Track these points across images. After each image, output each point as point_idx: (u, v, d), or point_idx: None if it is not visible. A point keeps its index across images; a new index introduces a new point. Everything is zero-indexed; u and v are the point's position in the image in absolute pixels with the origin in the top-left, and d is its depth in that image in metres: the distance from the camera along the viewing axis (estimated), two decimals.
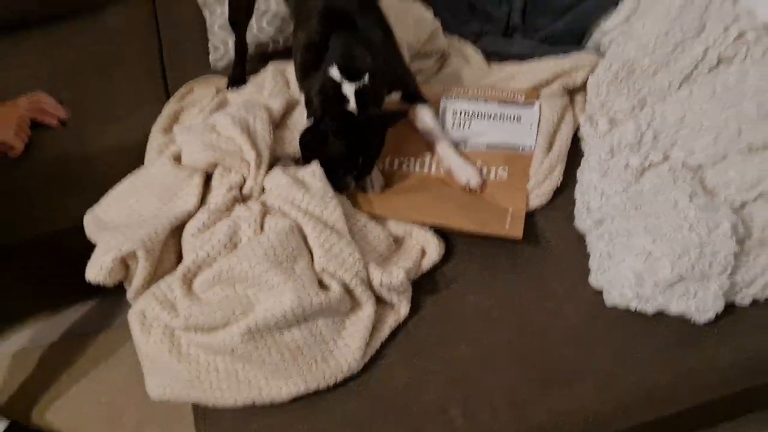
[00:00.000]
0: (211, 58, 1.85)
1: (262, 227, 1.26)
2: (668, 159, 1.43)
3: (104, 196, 1.41)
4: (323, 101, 1.35)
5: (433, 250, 1.33)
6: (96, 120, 1.71)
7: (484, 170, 1.48)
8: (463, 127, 1.56)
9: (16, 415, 1.72)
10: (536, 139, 1.52)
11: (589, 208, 1.40)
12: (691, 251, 1.24)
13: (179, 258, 1.30)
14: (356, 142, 1.33)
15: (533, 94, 1.61)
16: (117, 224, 1.34)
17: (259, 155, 1.37)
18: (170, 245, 1.30)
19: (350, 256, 1.22)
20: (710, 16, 1.56)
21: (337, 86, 1.34)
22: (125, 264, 1.25)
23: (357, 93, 1.34)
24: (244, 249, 1.20)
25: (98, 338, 1.89)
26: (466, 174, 1.44)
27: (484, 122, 1.56)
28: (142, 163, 1.56)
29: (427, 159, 1.51)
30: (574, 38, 1.73)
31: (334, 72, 1.35)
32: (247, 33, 1.79)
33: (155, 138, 1.61)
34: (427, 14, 1.74)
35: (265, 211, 1.31)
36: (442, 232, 1.38)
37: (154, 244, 1.24)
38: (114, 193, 1.40)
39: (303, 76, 1.44)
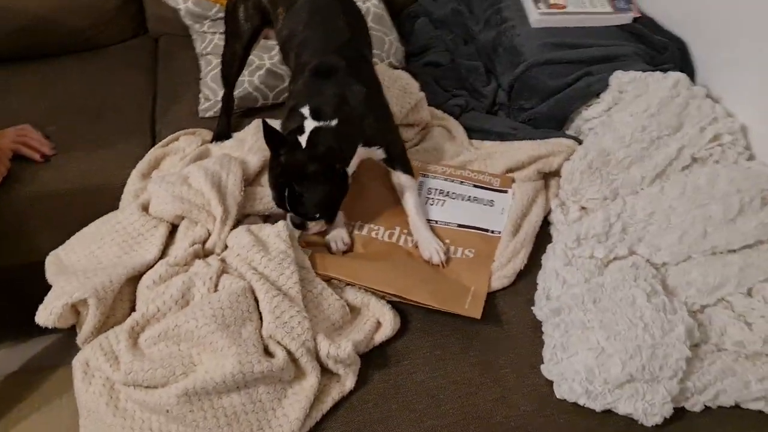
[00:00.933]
0: (200, 107, 1.89)
1: (216, 286, 1.26)
2: (633, 254, 1.43)
3: (70, 238, 1.42)
4: (283, 131, 1.38)
5: (388, 324, 1.32)
6: (78, 159, 1.73)
7: (452, 248, 1.49)
8: (438, 204, 1.58)
9: None
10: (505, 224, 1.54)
11: (549, 296, 1.40)
12: (643, 352, 1.23)
13: (133, 307, 1.30)
14: (295, 176, 1.32)
15: (508, 180, 1.63)
16: (76, 269, 1.34)
17: (226, 211, 1.39)
18: (125, 294, 1.30)
19: (299, 324, 1.21)
20: (688, 115, 1.59)
21: (300, 121, 1.37)
22: (76, 310, 1.25)
23: (314, 130, 1.35)
24: (194, 307, 1.20)
25: (56, 373, 1.87)
26: (430, 249, 1.45)
27: (458, 203, 1.59)
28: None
29: (397, 230, 1.52)
30: (555, 122, 1.75)
31: (304, 110, 1.38)
32: (238, 87, 1.83)
33: (133, 182, 1.63)
34: (414, 84, 1.77)
35: (224, 268, 1.31)
36: (399, 306, 1.38)
37: (107, 293, 1.24)
38: (79, 235, 1.41)
39: (284, 120, 1.47)
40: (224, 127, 1.79)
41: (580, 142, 1.65)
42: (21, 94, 1.93)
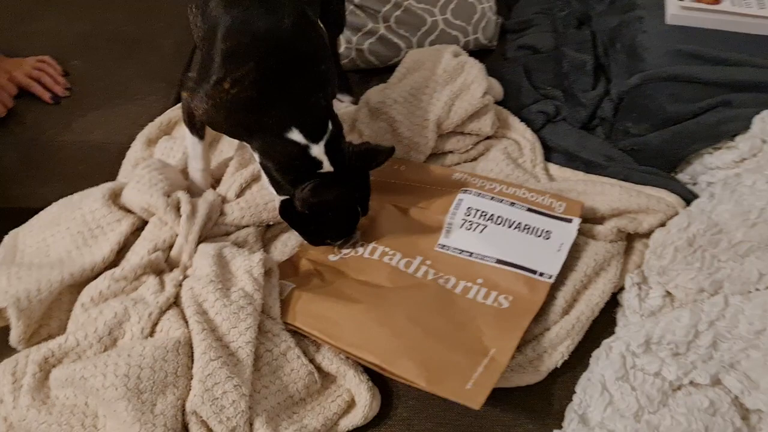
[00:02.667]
0: None
1: (155, 326, 1.02)
2: (717, 384, 1.02)
3: (34, 216, 1.22)
4: (293, 174, 1.10)
5: (360, 409, 1.03)
6: (90, 106, 1.52)
7: (482, 291, 1.14)
8: (475, 230, 1.22)
9: None
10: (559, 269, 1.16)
11: (585, 419, 1.04)
12: None
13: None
14: (351, 201, 1.15)
15: (576, 207, 1.23)
16: (23, 258, 1.15)
17: (194, 209, 1.15)
18: (65, 303, 1.09)
19: (232, 404, 0.94)
20: None
21: (304, 151, 1.08)
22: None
23: (328, 150, 1.10)
24: (111, 356, 0.96)
25: None
26: None
27: (502, 230, 1.21)
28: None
29: (418, 260, 1.20)
30: (665, 162, 1.31)
31: (295, 135, 1.07)
32: None
33: (135, 148, 1.40)
34: (480, 83, 1.38)
35: (177, 299, 1.06)
36: (386, 379, 1.08)
37: (32, 303, 1.03)
38: (42, 215, 1.21)
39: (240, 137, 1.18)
40: None
41: (687, 202, 1.21)
42: (59, 14, 1.74)
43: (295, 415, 1.02)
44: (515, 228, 1.22)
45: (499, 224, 1.22)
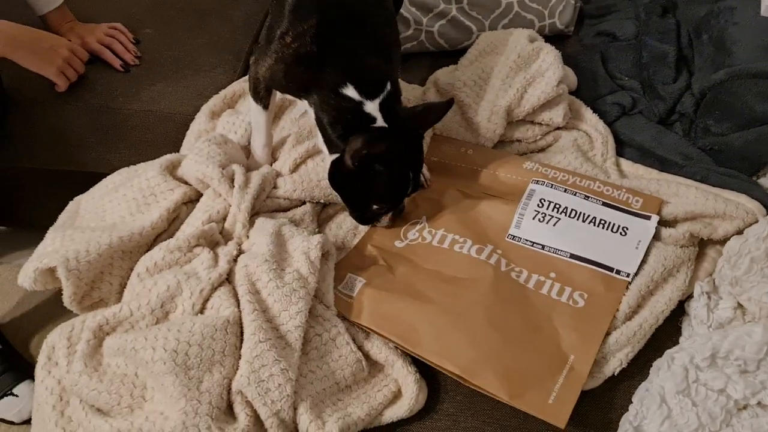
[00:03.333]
0: None
1: (206, 302, 1.02)
2: None
3: (99, 183, 1.24)
4: (345, 129, 1.09)
5: (407, 400, 1.01)
6: (158, 76, 1.53)
7: (556, 287, 1.11)
8: (548, 222, 1.18)
9: None
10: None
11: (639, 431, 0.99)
12: None
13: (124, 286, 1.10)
14: (403, 161, 1.12)
15: (655, 203, 1.18)
16: (82, 223, 1.17)
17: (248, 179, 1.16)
18: (116, 269, 1.10)
19: (278, 388, 0.93)
20: None
21: (358, 106, 1.08)
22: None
23: (382, 108, 1.09)
24: (162, 329, 0.96)
25: None
26: None
27: (577, 224, 1.17)
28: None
29: (489, 248, 1.15)
30: (747, 165, 1.23)
31: (350, 91, 1.07)
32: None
33: (199, 121, 1.41)
34: (555, 71, 1.31)
35: (230, 274, 1.06)
36: (434, 370, 1.06)
37: (80, 264, 1.04)
38: (105, 182, 1.23)
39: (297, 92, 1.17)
40: None
41: None
42: None
43: (339, 402, 1.00)
44: (590, 222, 1.17)
45: (573, 218, 1.18)
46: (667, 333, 1.10)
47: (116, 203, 1.16)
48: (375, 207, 1.15)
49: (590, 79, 1.42)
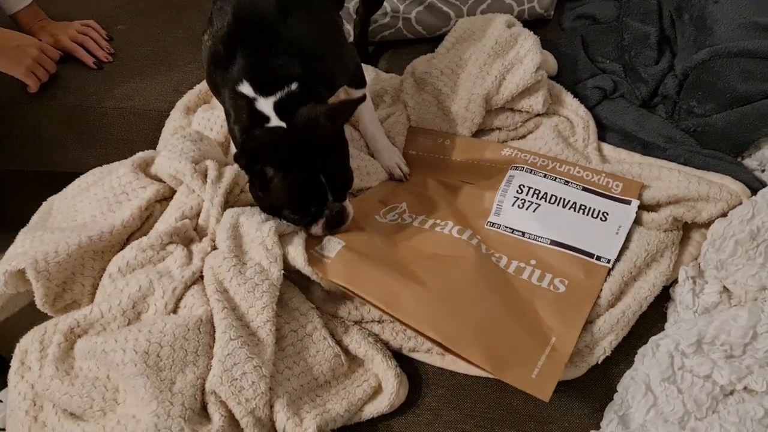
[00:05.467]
0: None
1: (179, 302, 1.00)
2: None
3: (71, 183, 1.22)
4: (241, 129, 1.05)
5: (386, 397, 0.99)
6: (132, 72, 1.51)
7: (536, 273, 1.09)
8: (528, 208, 1.16)
9: None
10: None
11: (625, 420, 0.97)
12: None
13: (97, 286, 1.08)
14: (303, 164, 1.01)
15: (635, 187, 1.16)
16: (54, 224, 1.15)
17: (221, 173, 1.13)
18: (87, 269, 1.07)
19: (252, 386, 0.91)
20: None
21: (251, 104, 1.03)
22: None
23: (278, 107, 1.03)
24: (132, 331, 0.94)
25: None
26: (391, 161, 1.26)
27: (557, 210, 1.16)
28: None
29: (469, 232, 1.13)
30: (731, 145, 1.21)
31: (245, 88, 1.04)
32: None
33: (174, 117, 1.39)
34: (534, 57, 1.28)
35: (202, 269, 1.04)
36: (416, 365, 1.04)
37: (49, 266, 1.02)
38: (76, 182, 1.21)
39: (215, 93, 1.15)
40: None
41: (754, 191, 1.11)
42: None
43: (318, 398, 0.98)
44: (570, 208, 1.15)
45: (553, 203, 1.16)
46: (652, 319, 1.08)
47: (88, 203, 1.13)
48: (285, 212, 1.07)
49: (570, 64, 1.39)
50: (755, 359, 0.96)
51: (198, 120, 1.33)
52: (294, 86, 1.03)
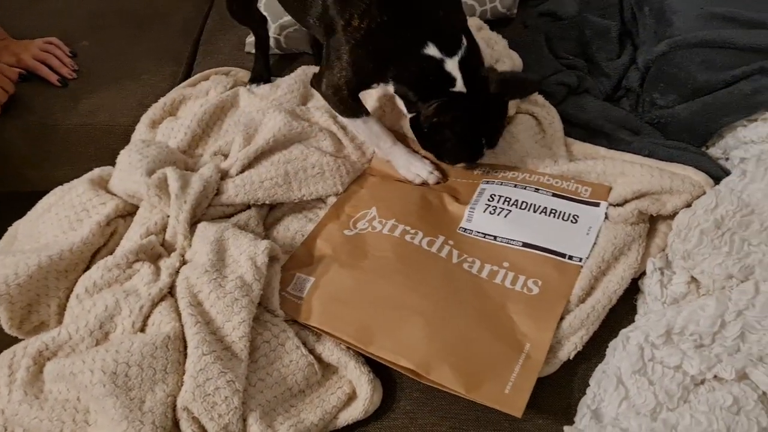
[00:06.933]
0: (247, 39, 1.55)
1: (147, 319, 0.99)
2: (744, 379, 0.95)
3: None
4: (425, 91, 1.09)
5: (361, 403, 0.98)
6: (98, 87, 1.51)
7: (510, 275, 1.09)
8: (499, 214, 1.17)
9: None
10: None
11: (598, 414, 0.97)
12: None
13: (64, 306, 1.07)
14: (475, 128, 1.14)
15: (602, 191, 1.17)
16: (18, 247, 1.14)
17: (186, 184, 1.11)
18: (51, 289, 1.06)
19: (225, 401, 0.91)
20: None
21: (439, 66, 1.07)
22: None
23: (462, 67, 1.08)
24: (99, 353, 0.93)
25: None
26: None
27: (528, 215, 1.17)
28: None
29: (440, 240, 1.14)
30: (694, 136, 1.21)
31: (431, 50, 1.06)
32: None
33: (139, 131, 1.37)
34: (502, 68, 1.29)
35: (172, 288, 1.03)
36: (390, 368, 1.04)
37: (10, 288, 1.01)
38: (39, 203, 1.19)
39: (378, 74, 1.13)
40: (260, 68, 1.45)
41: (718, 180, 1.12)
42: None
43: (292, 408, 0.98)
44: (541, 212, 1.17)
45: (524, 209, 1.17)
46: (622, 312, 1.08)
47: (50, 223, 1.12)
48: (442, 158, 1.21)
49: (535, 61, 1.40)
50: (724, 347, 0.97)
51: (162, 131, 1.32)
52: (465, 42, 1.08)
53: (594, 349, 1.04)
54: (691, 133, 1.21)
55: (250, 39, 1.54)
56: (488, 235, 1.15)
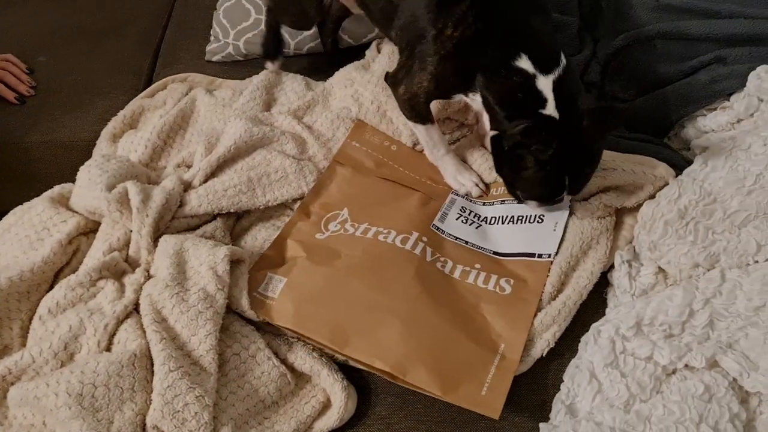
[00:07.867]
0: (207, 47, 1.53)
1: (113, 337, 0.97)
2: (715, 367, 0.95)
3: None
4: (512, 109, 1.00)
5: (335, 411, 0.97)
6: (57, 104, 1.48)
7: (482, 276, 1.09)
8: (470, 225, 1.18)
9: None
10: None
11: (573, 409, 0.97)
12: None
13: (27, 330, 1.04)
14: (559, 162, 1.00)
15: None
16: None
17: (147, 197, 1.09)
18: (13, 312, 1.03)
19: (194, 417, 0.89)
20: None
21: (530, 82, 0.97)
22: None
23: (557, 88, 0.97)
24: (63, 375, 0.90)
25: None
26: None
27: (496, 227, 1.18)
28: None
29: (414, 236, 1.12)
30: (655, 127, 1.23)
31: (524, 63, 0.97)
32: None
33: (101, 146, 1.35)
34: None
35: (138, 304, 1.01)
36: (365, 373, 1.03)
37: None
38: (0, 224, 1.16)
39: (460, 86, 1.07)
40: (269, 43, 1.44)
41: (680, 171, 1.13)
42: (22, 9, 1.69)
43: (266, 420, 0.97)
44: (509, 222, 1.17)
45: (493, 224, 1.19)
46: (594, 306, 1.09)
47: (9, 244, 1.09)
48: (518, 192, 1.09)
49: None
50: (693, 336, 0.98)
51: (122, 145, 1.30)
52: (563, 60, 0.97)
53: (566, 345, 1.04)
54: (653, 125, 1.23)
55: (210, 47, 1.52)
56: (460, 239, 1.16)
